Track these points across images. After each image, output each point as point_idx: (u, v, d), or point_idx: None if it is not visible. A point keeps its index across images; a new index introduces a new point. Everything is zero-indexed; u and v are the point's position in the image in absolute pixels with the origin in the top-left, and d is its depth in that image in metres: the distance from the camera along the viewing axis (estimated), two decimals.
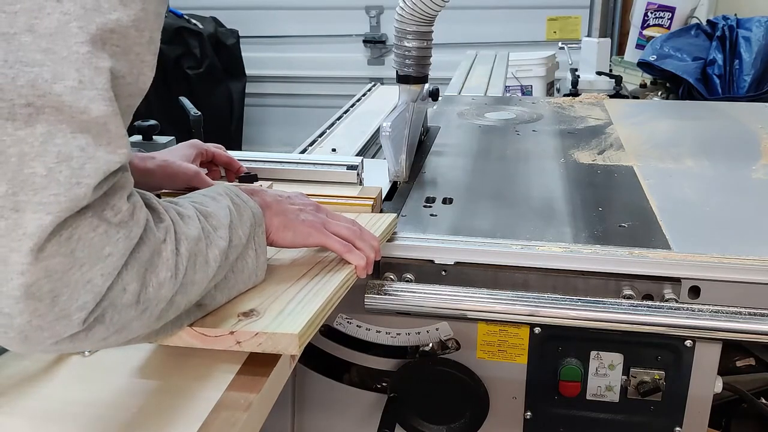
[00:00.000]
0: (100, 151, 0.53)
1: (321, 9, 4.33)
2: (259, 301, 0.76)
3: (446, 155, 1.48)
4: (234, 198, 0.77)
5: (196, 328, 0.70)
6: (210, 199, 0.75)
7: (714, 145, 1.54)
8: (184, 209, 0.68)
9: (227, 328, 0.70)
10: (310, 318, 0.72)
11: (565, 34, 4.08)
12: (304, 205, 0.88)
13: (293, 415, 1.15)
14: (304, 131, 1.79)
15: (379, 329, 1.06)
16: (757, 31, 2.77)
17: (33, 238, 0.51)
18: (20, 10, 0.51)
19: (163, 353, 0.76)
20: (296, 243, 0.85)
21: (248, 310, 0.74)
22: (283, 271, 0.84)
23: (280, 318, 0.72)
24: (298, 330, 0.70)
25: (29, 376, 0.73)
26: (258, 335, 0.70)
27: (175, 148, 1.14)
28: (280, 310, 0.74)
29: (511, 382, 1.05)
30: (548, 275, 1.00)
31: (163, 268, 0.60)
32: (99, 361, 0.74)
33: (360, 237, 0.88)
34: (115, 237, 0.55)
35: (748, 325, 0.91)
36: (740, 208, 1.18)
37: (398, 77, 1.30)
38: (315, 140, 1.65)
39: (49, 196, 0.51)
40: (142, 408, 0.68)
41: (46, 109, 0.51)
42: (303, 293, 0.79)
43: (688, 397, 1.00)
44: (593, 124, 1.72)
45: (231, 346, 0.70)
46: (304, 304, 0.76)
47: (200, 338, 0.70)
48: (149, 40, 0.58)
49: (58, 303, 0.52)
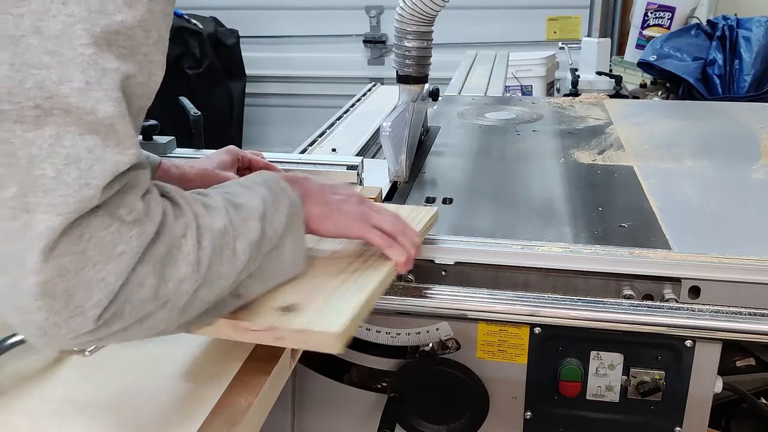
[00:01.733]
0: (108, 152, 0.54)
1: (321, 9, 4.33)
2: (300, 296, 0.74)
3: (446, 155, 1.48)
4: (272, 186, 0.76)
5: (239, 321, 0.70)
6: (245, 189, 0.73)
7: (714, 145, 1.54)
8: (211, 200, 0.67)
9: (270, 323, 0.69)
10: (352, 315, 0.71)
11: (565, 34, 4.08)
12: (347, 195, 0.86)
13: (293, 415, 1.15)
14: (304, 131, 1.79)
15: (379, 329, 1.06)
16: (757, 31, 2.77)
17: (44, 238, 0.51)
18: (26, 13, 0.51)
19: (163, 353, 0.76)
20: (337, 234, 0.83)
21: (289, 305, 0.73)
22: (322, 264, 0.83)
23: (322, 315, 0.71)
24: (341, 328, 0.69)
25: (29, 376, 0.73)
26: (300, 332, 0.69)
27: (212, 155, 1.12)
28: (321, 307, 0.73)
29: (511, 382, 1.05)
30: (548, 275, 1.00)
31: (183, 263, 0.60)
32: (99, 360, 0.75)
33: (402, 232, 0.86)
34: (128, 235, 0.56)
35: (748, 325, 0.91)
36: (740, 208, 1.18)
37: (398, 77, 1.30)
38: (315, 140, 1.65)
39: (58, 197, 0.52)
40: (142, 408, 0.68)
41: (55, 111, 0.52)
42: (344, 289, 0.77)
43: (688, 397, 1.00)
44: (593, 124, 1.72)
45: (272, 341, 0.70)
46: (346, 300, 0.74)
47: (242, 332, 0.70)
48: (157, 40, 0.58)
49: (73, 300, 0.53)
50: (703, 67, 2.80)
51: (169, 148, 1.31)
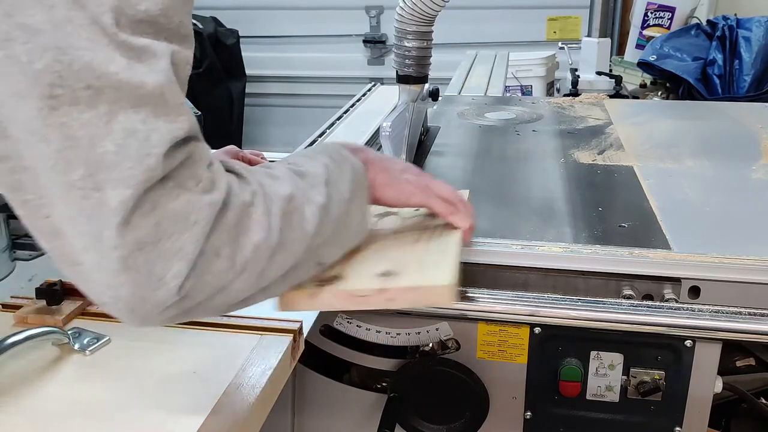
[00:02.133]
0: (160, 122, 0.55)
1: (321, 9, 4.33)
2: (391, 264, 0.74)
3: (446, 155, 1.48)
4: (333, 155, 0.77)
5: (340, 288, 0.70)
6: (307, 158, 0.75)
7: (714, 145, 1.54)
8: (275, 171, 0.69)
9: (379, 285, 0.70)
10: (455, 267, 0.72)
11: (565, 34, 4.08)
12: (407, 166, 0.88)
13: (293, 415, 1.15)
14: (304, 131, 1.79)
15: (379, 329, 1.06)
16: (757, 31, 2.77)
17: (118, 213, 0.53)
18: (56, 4, 0.53)
19: (163, 352, 0.76)
20: (399, 201, 0.84)
21: (385, 271, 0.72)
22: (393, 238, 0.83)
23: (425, 272, 0.72)
24: (452, 280, 0.70)
25: (30, 376, 0.73)
26: (413, 289, 0.69)
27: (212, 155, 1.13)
28: (419, 267, 0.73)
29: (511, 382, 1.05)
30: (548, 275, 1.00)
31: (255, 230, 0.61)
32: (100, 360, 0.75)
33: (462, 201, 0.88)
34: (199, 204, 0.57)
35: (748, 325, 0.91)
36: (740, 208, 1.18)
37: (398, 77, 1.30)
38: (315, 140, 1.65)
39: (125, 170, 0.53)
40: (142, 407, 0.68)
41: (105, 89, 0.53)
42: (432, 250, 0.78)
43: (688, 397, 1.00)
44: (593, 124, 1.72)
45: (383, 304, 0.70)
46: (441, 257, 0.75)
47: (346, 299, 0.70)
48: (178, 25, 0.59)
49: (155, 272, 0.55)
50: (703, 67, 2.80)
51: None
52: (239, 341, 0.79)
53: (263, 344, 0.78)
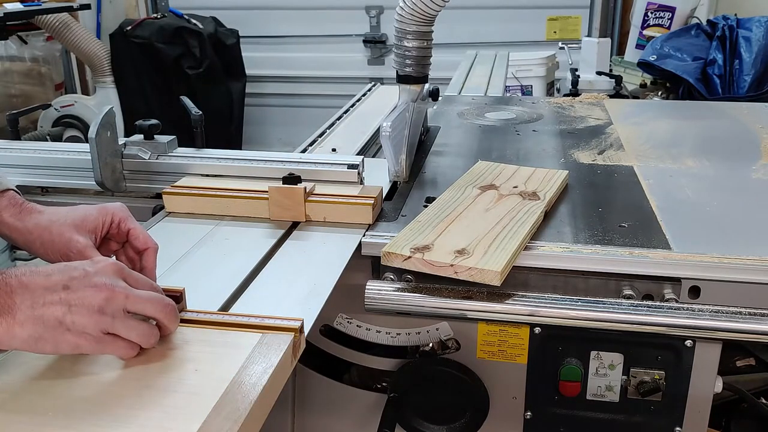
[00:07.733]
0: None
1: (321, 9, 4.33)
2: (467, 242, 0.98)
3: (446, 155, 1.48)
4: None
5: (425, 257, 0.94)
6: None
7: (714, 145, 1.54)
8: None
9: (450, 261, 0.93)
10: (508, 258, 0.94)
11: (565, 34, 4.08)
12: (60, 278, 0.69)
13: (293, 415, 1.15)
14: (304, 131, 1.79)
15: (379, 329, 1.06)
16: (757, 31, 2.77)
17: None
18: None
19: (165, 352, 0.76)
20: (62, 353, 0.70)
21: (461, 249, 0.96)
22: (482, 218, 1.06)
23: (486, 257, 0.94)
24: (501, 267, 0.91)
25: (33, 374, 0.73)
26: (470, 270, 0.92)
27: (80, 208, 0.91)
28: (485, 251, 0.96)
29: (511, 382, 1.05)
30: (548, 275, 1.00)
31: None
32: (102, 360, 0.75)
33: (162, 310, 0.74)
34: None
35: (748, 325, 0.91)
36: (740, 208, 1.18)
37: (398, 77, 1.30)
38: (315, 140, 1.65)
39: None
40: (144, 406, 0.68)
41: None
42: (501, 237, 0.99)
43: (688, 397, 1.00)
44: (593, 124, 1.72)
45: (450, 274, 0.93)
46: (503, 245, 0.97)
47: (427, 266, 0.94)
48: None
49: None
50: (703, 67, 2.80)
51: (170, 147, 1.31)
52: (240, 339, 0.78)
53: (264, 342, 0.78)
